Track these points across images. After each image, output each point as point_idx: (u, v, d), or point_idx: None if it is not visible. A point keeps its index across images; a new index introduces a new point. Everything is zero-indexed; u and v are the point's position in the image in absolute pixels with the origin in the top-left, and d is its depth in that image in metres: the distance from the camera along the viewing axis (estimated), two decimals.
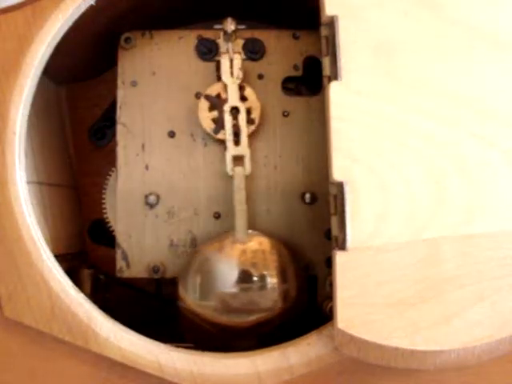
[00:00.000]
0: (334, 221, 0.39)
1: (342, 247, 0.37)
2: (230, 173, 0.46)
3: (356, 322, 0.36)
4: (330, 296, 0.44)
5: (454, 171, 0.38)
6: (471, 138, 0.38)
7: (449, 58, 0.39)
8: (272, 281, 0.44)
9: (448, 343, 0.36)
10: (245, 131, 0.46)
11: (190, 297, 0.44)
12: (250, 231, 0.45)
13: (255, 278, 0.43)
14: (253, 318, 0.44)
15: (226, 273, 0.44)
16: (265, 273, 0.44)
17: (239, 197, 0.45)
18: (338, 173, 0.38)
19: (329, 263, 0.46)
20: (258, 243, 0.45)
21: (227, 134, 0.46)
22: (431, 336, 0.36)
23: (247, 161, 0.46)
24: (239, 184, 0.45)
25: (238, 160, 0.46)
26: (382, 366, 0.37)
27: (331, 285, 0.40)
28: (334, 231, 0.39)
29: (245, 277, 0.44)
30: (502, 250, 0.37)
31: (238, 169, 0.46)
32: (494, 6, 0.40)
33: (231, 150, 0.46)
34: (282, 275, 0.44)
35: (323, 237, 0.47)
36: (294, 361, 0.39)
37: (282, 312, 0.44)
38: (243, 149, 0.46)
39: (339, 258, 0.37)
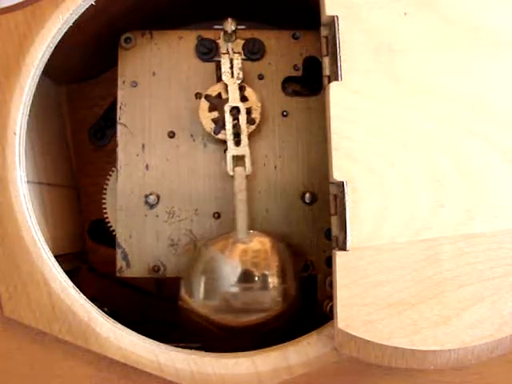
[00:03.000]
0: (334, 221, 0.39)
1: (342, 247, 0.37)
2: (231, 173, 0.46)
3: (356, 322, 0.36)
4: (330, 296, 0.44)
5: (454, 171, 0.38)
6: (471, 138, 0.38)
7: (449, 58, 0.39)
8: (273, 280, 0.44)
9: (448, 343, 0.36)
10: (245, 131, 0.46)
11: (193, 297, 0.44)
12: (250, 231, 0.45)
13: (256, 278, 0.43)
14: (255, 317, 0.43)
15: (228, 273, 0.44)
16: (266, 272, 0.44)
17: (240, 197, 0.45)
18: (338, 173, 0.38)
19: (329, 263, 0.46)
20: (260, 243, 0.45)
21: (228, 134, 0.46)
22: (431, 336, 0.36)
23: (248, 161, 0.46)
24: (240, 184, 0.45)
25: (238, 160, 0.46)
26: (382, 366, 0.37)
27: (331, 285, 0.40)
28: (334, 231, 0.39)
29: (246, 276, 0.43)
30: (502, 249, 0.37)
31: (239, 169, 0.46)
32: (494, 6, 0.40)
33: (232, 150, 0.46)
34: (283, 275, 0.44)
35: (323, 237, 0.47)
36: (293, 361, 0.39)
37: (284, 311, 0.44)
38: (244, 149, 0.46)
39: (339, 258, 0.37)
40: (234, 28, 0.47)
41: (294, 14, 0.50)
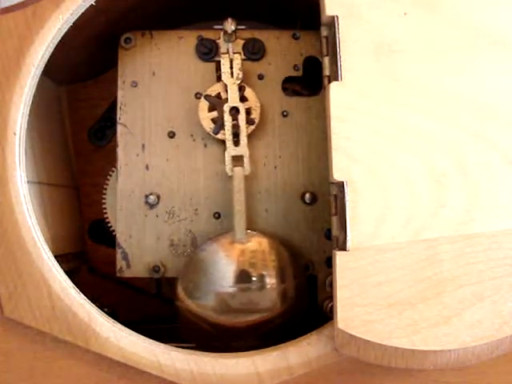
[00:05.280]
0: (335, 221, 0.39)
1: (343, 247, 0.37)
2: (230, 173, 0.46)
3: (356, 322, 0.36)
4: (330, 296, 0.44)
5: (454, 171, 0.38)
6: (471, 138, 0.38)
7: (449, 58, 0.39)
8: (271, 281, 0.44)
9: (448, 343, 0.36)
10: (244, 131, 0.46)
11: (190, 297, 0.44)
12: (248, 231, 0.45)
13: (254, 278, 0.44)
14: (252, 318, 0.44)
15: (225, 273, 0.44)
16: (264, 273, 0.44)
17: (238, 197, 0.45)
18: (338, 173, 0.38)
19: (329, 263, 0.46)
20: (257, 243, 0.45)
21: (227, 134, 0.46)
22: (431, 336, 0.36)
23: (246, 161, 0.46)
24: (238, 184, 0.45)
25: (237, 160, 0.46)
26: (382, 366, 0.37)
27: (331, 285, 0.40)
28: (335, 231, 0.39)
29: (243, 277, 0.44)
30: (502, 250, 0.37)
31: (238, 169, 0.46)
32: (494, 6, 0.40)
33: (231, 151, 0.46)
34: (281, 275, 0.44)
35: (323, 237, 0.47)
36: (293, 361, 0.39)
37: (282, 312, 0.44)
38: (243, 149, 0.46)
39: (339, 258, 0.37)
40: (233, 28, 0.46)
41: (293, 13, 0.50)
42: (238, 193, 0.45)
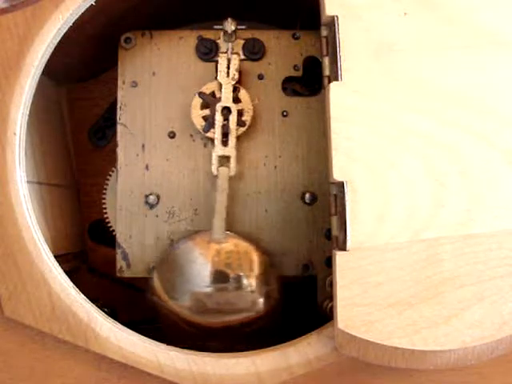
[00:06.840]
0: (334, 221, 0.39)
1: (342, 247, 0.37)
2: (215, 172, 0.46)
3: (356, 322, 0.36)
4: (330, 296, 0.44)
5: (454, 171, 0.38)
6: (471, 138, 0.38)
7: (449, 58, 0.39)
8: (246, 282, 0.44)
9: (448, 343, 0.36)
10: (234, 132, 0.46)
11: (165, 294, 0.44)
12: (227, 232, 0.45)
13: (229, 279, 0.43)
14: (227, 318, 0.43)
15: (200, 272, 0.44)
16: (239, 274, 0.44)
17: (220, 197, 0.45)
18: (338, 173, 0.38)
19: (329, 263, 0.46)
20: (234, 244, 0.45)
21: (216, 133, 0.46)
22: (431, 336, 0.36)
23: (233, 162, 0.46)
24: (222, 184, 0.45)
25: (224, 160, 0.46)
26: (382, 366, 0.37)
27: (331, 285, 0.40)
28: (334, 231, 0.39)
29: (218, 277, 0.43)
30: (502, 250, 0.37)
31: (222, 169, 0.46)
32: (494, 6, 0.40)
33: (218, 150, 0.46)
34: (257, 277, 0.44)
35: (323, 237, 0.47)
36: (293, 361, 0.39)
37: (258, 315, 0.44)
38: (230, 150, 0.46)
39: (339, 258, 0.37)
40: (233, 28, 0.47)
41: (294, 13, 0.50)
42: (220, 193, 0.45)
